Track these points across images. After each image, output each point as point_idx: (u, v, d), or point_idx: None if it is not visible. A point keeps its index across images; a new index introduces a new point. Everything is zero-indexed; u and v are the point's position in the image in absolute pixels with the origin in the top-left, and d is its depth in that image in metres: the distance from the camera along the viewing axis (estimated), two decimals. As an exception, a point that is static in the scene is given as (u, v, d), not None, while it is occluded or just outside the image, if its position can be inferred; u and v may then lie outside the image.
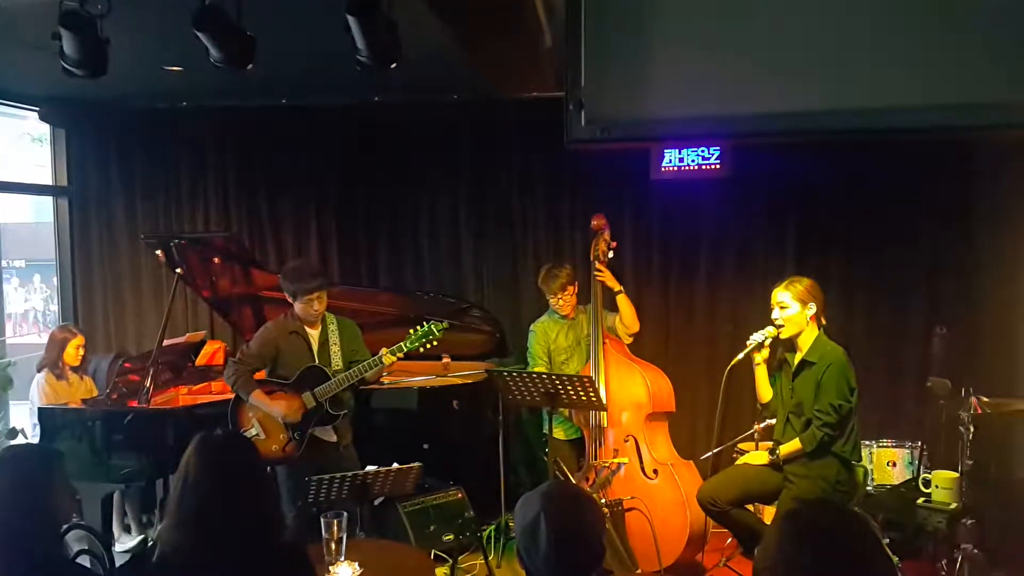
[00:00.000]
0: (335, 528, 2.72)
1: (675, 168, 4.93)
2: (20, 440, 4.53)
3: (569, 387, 3.83)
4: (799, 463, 3.53)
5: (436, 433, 4.76)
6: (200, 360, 5.16)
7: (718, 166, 4.91)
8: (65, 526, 2.49)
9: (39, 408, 4.39)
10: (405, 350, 3.90)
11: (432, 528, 4.33)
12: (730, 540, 4.24)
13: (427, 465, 3.79)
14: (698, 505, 3.68)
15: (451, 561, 4.22)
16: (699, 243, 5.25)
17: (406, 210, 5.61)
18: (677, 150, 4.91)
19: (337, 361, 3.99)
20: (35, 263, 7.96)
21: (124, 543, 4.66)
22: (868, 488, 4.32)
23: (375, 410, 4.78)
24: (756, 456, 3.66)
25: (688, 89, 2.01)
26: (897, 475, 4.41)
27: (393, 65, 2.94)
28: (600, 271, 4.25)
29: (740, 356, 3.65)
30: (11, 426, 5.25)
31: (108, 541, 4.30)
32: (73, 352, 4.72)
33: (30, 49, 3.76)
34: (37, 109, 5.55)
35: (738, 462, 3.82)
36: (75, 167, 5.84)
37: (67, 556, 2.51)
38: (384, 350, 3.87)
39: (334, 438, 4.00)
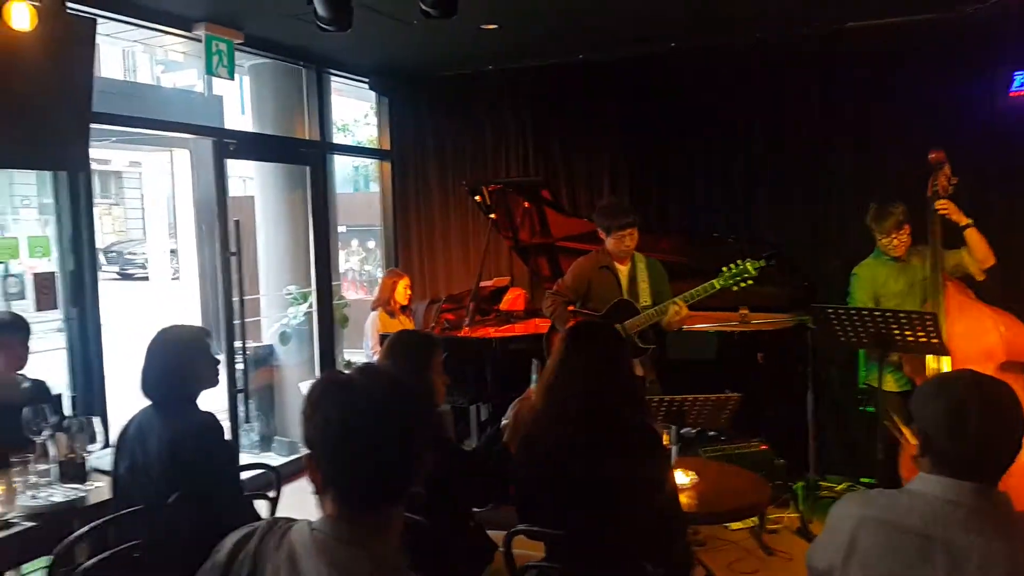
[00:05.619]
0: (665, 438, 2.71)
1: (1030, 91, 4.29)
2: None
3: (907, 326, 3.45)
4: None
5: (738, 385, 4.56)
6: (503, 306, 5.48)
7: (1087, 86, 4.19)
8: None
9: (381, 334, 4.93)
10: (717, 287, 3.84)
11: (734, 476, 4.18)
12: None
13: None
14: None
15: (758, 511, 4.06)
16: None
17: (699, 158, 5.45)
18: (1033, 70, 4.27)
19: (645, 298, 4.00)
20: (354, 228, 8.96)
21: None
22: None
23: (678, 356, 4.70)
24: None
25: None
26: None
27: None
28: (945, 206, 3.78)
29: None
30: (346, 359, 5.97)
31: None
32: (402, 291, 5.23)
33: (365, 13, 4.14)
34: (367, 80, 6.20)
35: None
36: (396, 132, 6.44)
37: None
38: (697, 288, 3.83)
39: (641, 372, 4.01)
